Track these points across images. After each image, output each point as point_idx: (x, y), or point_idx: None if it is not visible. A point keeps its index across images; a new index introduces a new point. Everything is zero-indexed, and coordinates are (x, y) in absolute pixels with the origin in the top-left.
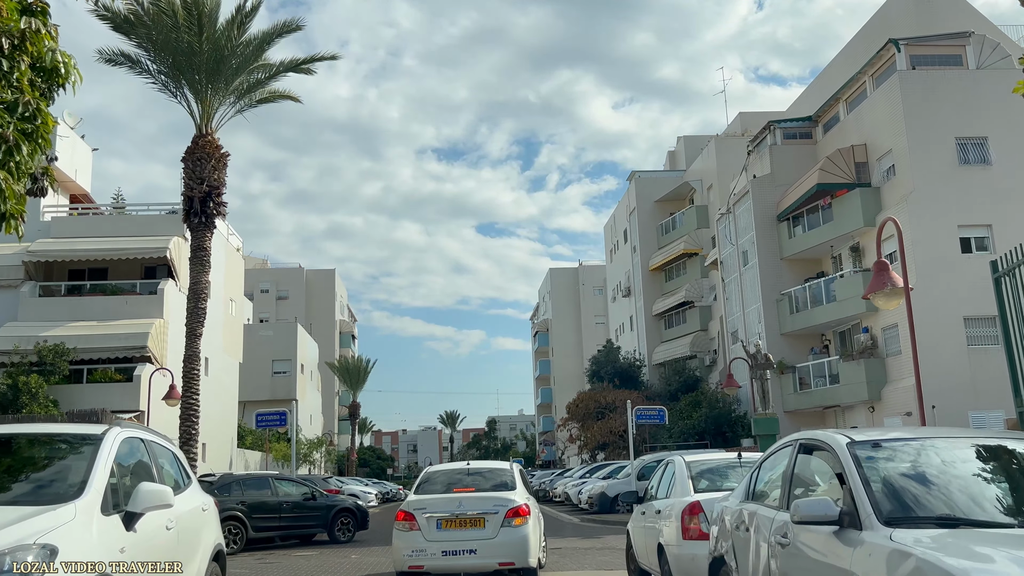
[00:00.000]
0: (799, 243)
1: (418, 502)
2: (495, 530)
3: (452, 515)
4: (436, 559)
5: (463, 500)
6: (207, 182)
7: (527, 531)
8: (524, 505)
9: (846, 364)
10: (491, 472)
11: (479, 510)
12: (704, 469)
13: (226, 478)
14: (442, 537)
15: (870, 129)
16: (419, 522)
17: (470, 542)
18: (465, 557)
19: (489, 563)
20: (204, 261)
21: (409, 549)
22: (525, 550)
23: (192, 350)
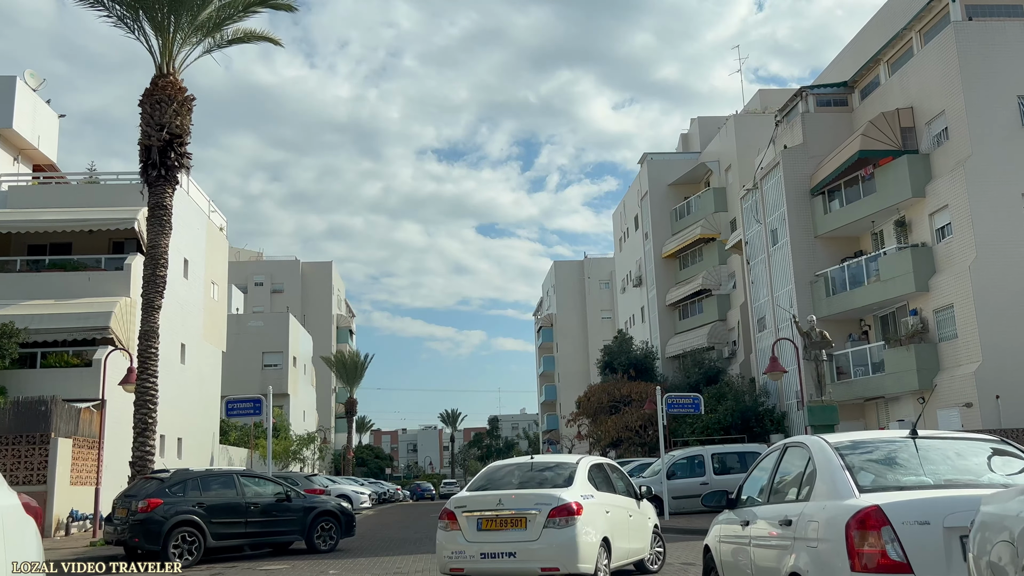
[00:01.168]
0: (835, 219)
1: (460, 499)
2: (537, 531)
3: (492, 514)
4: (475, 562)
5: (503, 498)
6: (168, 128)
7: (574, 533)
8: (573, 503)
9: (892, 351)
10: (550, 467)
11: (519, 509)
12: (864, 455)
13: (181, 475)
14: (482, 538)
15: (918, 90)
16: (460, 521)
17: (510, 544)
18: (504, 560)
19: (530, 567)
20: (164, 221)
21: (450, 550)
22: (572, 554)
23: (149, 325)
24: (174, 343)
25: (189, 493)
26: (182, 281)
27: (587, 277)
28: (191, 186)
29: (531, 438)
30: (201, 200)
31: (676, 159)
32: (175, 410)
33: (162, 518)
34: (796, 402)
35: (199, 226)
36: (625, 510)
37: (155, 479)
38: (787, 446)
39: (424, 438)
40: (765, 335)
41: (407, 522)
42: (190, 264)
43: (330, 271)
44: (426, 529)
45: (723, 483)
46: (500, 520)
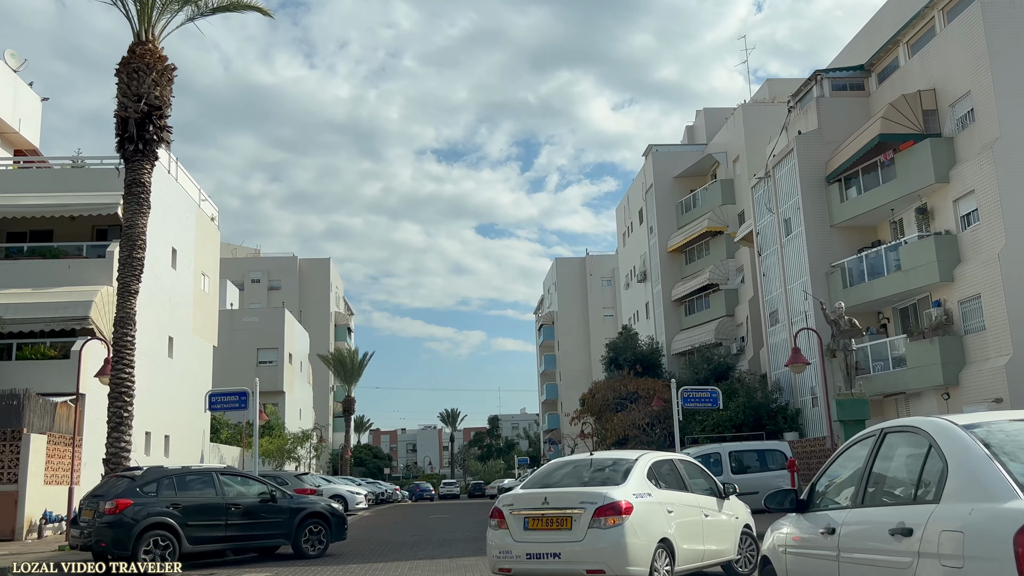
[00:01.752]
0: (853, 207)
1: (508, 498)
2: (582, 531)
3: (538, 513)
4: (522, 562)
5: (549, 496)
6: (146, 99)
7: (622, 533)
8: (621, 502)
9: (915, 344)
10: (608, 465)
11: (565, 508)
12: (1011, 441)
13: (154, 473)
14: (528, 538)
15: (941, 71)
16: (508, 520)
17: (555, 544)
18: (549, 561)
19: (575, 569)
20: (141, 199)
21: (498, 550)
22: (620, 556)
23: (125, 311)
24: (161, 336)
25: (163, 493)
26: (170, 271)
27: (589, 274)
28: (180, 173)
29: (532, 438)
30: (191, 188)
31: (682, 151)
32: (162, 406)
33: (132, 520)
34: (811, 398)
35: (188, 215)
36: (699, 509)
37: (125, 477)
38: (886, 432)
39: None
40: (778, 329)
41: (404, 524)
42: (179, 254)
43: (328, 268)
44: (424, 532)
45: (742, 482)
46: (546, 519)
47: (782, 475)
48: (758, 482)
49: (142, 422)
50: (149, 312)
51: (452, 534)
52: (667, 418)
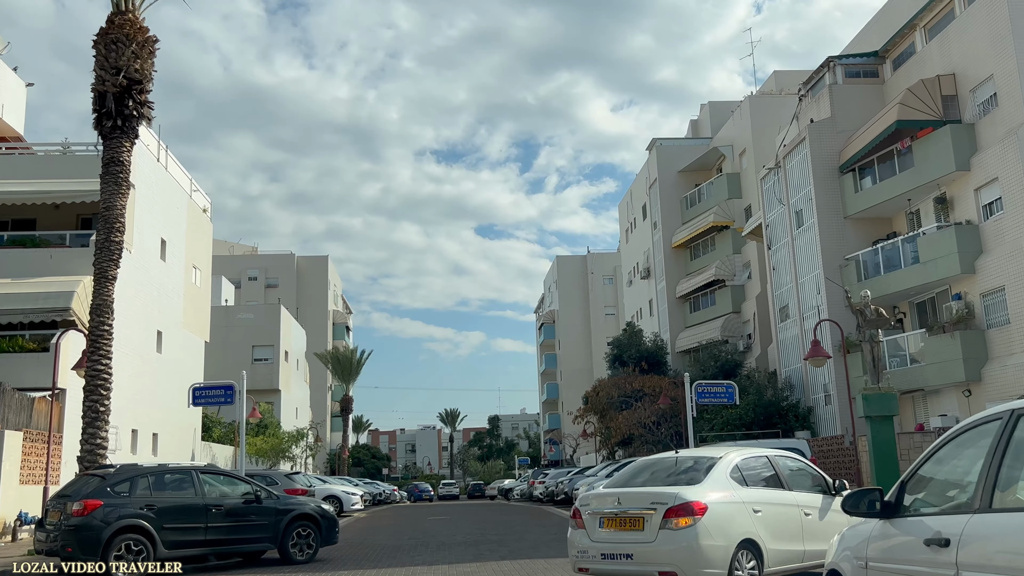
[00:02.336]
0: (868, 197)
1: (585, 498)
2: (653, 532)
3: (612, 513)
4: (597, 562)
5: (622, 497)
6: (125, 72)
7: (694, 534)
8: (693, 503)
9: (934, 339)
10: (690, 463)
11: (636, 508)
12: None
13: (127, 471)
14: (603, 538)
15: (960, 55)
16: (584, 520)
17: (627, 545)
18: (622, 562)
19: (647, 570)
20: (120, 179)
21: (576, 549)
22: (692, 558)
23: (102, 298)
24: (149, 330)
25: (137, 493)
26: (159, 263)
27: (590, 272)
28: (170, 162)
29: (532, 438)
30: (182, 178)
31: (686, 145)
32: (150, 403)
33: (101, 523)
34: (824, 396)
35: (179, 205)
36: (797, 507)
37: (95, 476)
38: (1020, 413)
39: (422, 438)
40: (788, 325)
41: (402, 526)
42: (168, 245)
43: (326, 266)
44: (422, 534)
45: None
46: (619, 520)
47: None
48: None
49: (129, 419)
50: (136, 305)
51: (452, 537)
52: (674, 416)
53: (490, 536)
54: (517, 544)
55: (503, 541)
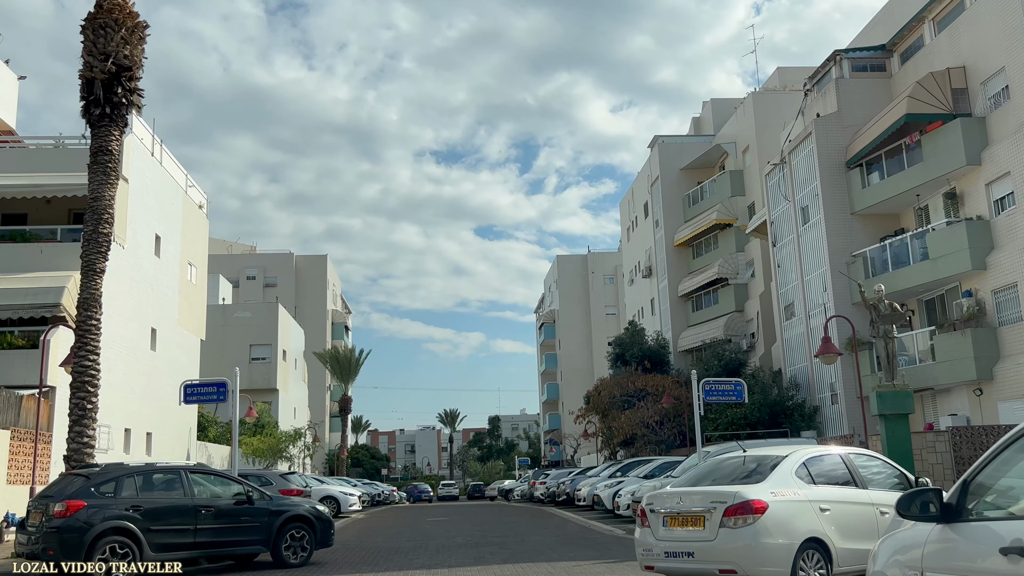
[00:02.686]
0: (875, 193)
1: (649, 497)
2: (713, 531)
3: (674, 512)
4: (661, 560)
5: (683, 496)
6: (114, 59)
7: (754, 533)
8: (752, 501)
9: (944, 336)
10: (756, 462)
11: (695, 507)
12: None
13: (112, 471)
14: (666, 536)
15: (970, 48)
16: (649, 519)
17: (688, 543)
18: (684, 560)
19: (708, 568)
20: (108, 168)
21: (642, 547)
22: (752, 557)
23: (90, 292)
24: (143, 327)
25: (122, 494)
26: (153, 259)
27: (591, 272)
28: (165, 156)
29: (532, 439)
30: (177, 173)
31: (689, 142)
32: (143, 401)
33: (84, 524)
34: (831, 395)
35: (174, 200)
36: (871, 506)
37: (79, 476)
38: None
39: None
40: (794, 323)
41: (400, 527)
42: (163, 241)
43: (325, 265)
44: (421, 536)
45: None
46: (681, 518)
47: None
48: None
49: (121, 419)
50: (130, 301)
51: (451, 539)
52: (677, 416)
53: (491, 538)
54: (519, 547)
55: (504, 544)
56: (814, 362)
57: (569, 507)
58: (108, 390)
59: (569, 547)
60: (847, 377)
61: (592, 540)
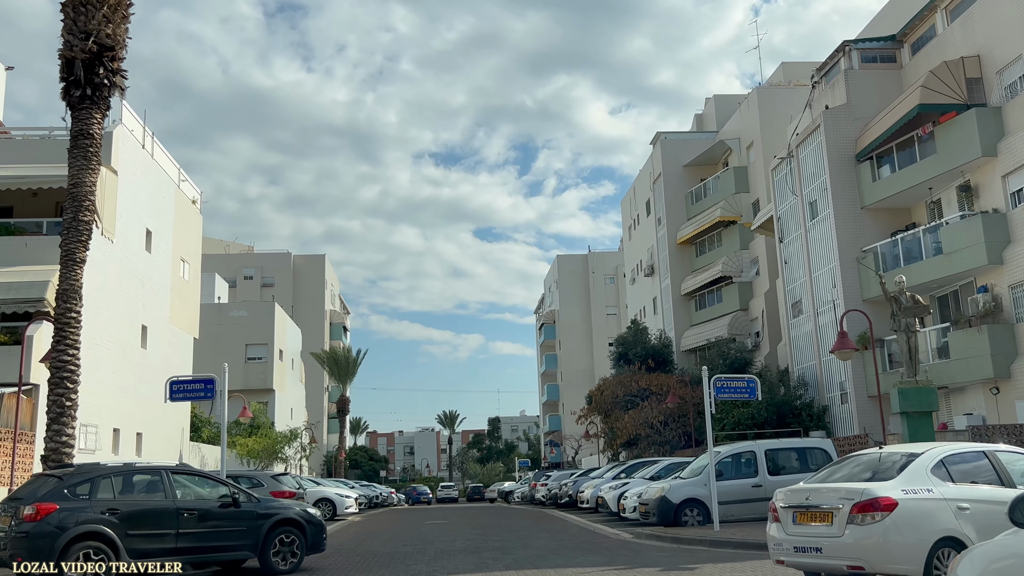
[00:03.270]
0: (885, 187)
1: (779, 493)
2: (841, 527)
3: (802, 508)
4: (790, 554)
5: (811, 493)
6: (95, 38)
7: (882, 530)
8: (880, 499)
9: (959, 333)
10: (889, 458)
11: (823, 503)
12: None
13: (87, 471)
14: (796, 531)
15: (985, 36)
16: (779, 514)
17: (817, 539)
18: (812, 555)
19: (836, 564)
20: (89, 154)
21: (773, 542)
22: (881, 554)
23: (69, 283)
24: (133, 324)
25: (98, 495)
26: (144, 254)
27: (591, 271)
28: (156, 149)
29: (532, 440)
30: (169, 167)
31: (692, 138)
32: (133, 400)
33: (56, 529)
34: (840, 394)
35: (166, 195)
36: None
37: (52, 477)
38: None
39: (421, 440)
40: (801, 320)
41: (398, 530)
42: (154, 236)
43: (323, 265)
44: (419, 540)
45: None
46: (810, 514)
47: None
48: None
49: (110, 418)
50: (119, 297)
51: (451, 544)
52: (682, 416)
53: (492, 542)
54: (522, 552)
55: (506, 548)
56: (823, 360)
57: (572, 509)
58: (96, 389)
59: (575, 552)
60: (857, 375)
61: (599, 544)
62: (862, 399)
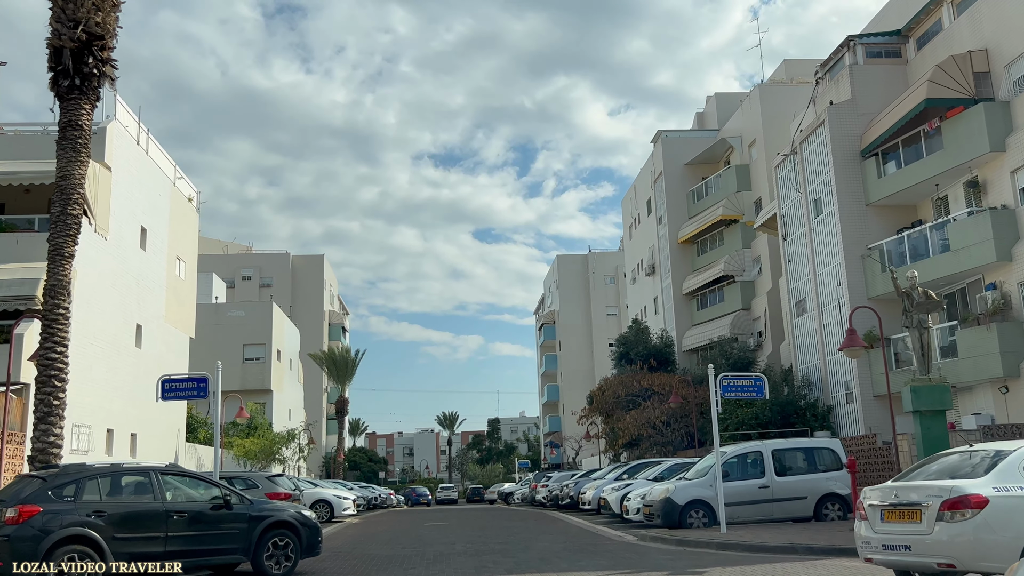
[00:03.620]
0: (892, 183)
1: (867, 491)
2: (930, 525)
3: (890, 506)
4: (879, 552)
5: (899, 491)
6: (84, 26)
7: (971, 528)
8: (970, 496)
9: (968, 331)
10: (980, 455)
11: (912, 501)
12: None
13: (72, 472)
14: (884, 529)
15: (993, 30)
16: (867, 512)
17: (905, 536)
18: (900, 553)
19: (925, 562)
20: (78, 145)
21: (861, 540)
22: (971, 552)
23: (57, 278)
24: (127, 323)
25: (84, 497)
26: (138, 252)
27: (591, 272)
28: (152, 145)
29: (531, 441)
30: (165, 164)
31: (693, 136)
32: (128, 401)
33: (39, 532)
34: (846, 394)
35: (161, 192)
36: None
37: (36, 478)
38: None
39: (421, 441)
40: (805, 319)
41: (396, 533)
42: (149, 234)
43: (322, 265)
44: (418, 543)
45: (787, 486)
46: (898, 512)
47: (835, 477)
48: (806, 485)
49: (104, 418)
50: (113, 295)
51: (450, 546)
52: (684, 416)
53: (493, 545)
54: (524, 555)
55: (508, 551)
56: (827, 360)
57: (573, 511)
58: (89, 388)
59: (578, 555)
60: (863, 375)
61: (602, 547)
62: (867, 399)
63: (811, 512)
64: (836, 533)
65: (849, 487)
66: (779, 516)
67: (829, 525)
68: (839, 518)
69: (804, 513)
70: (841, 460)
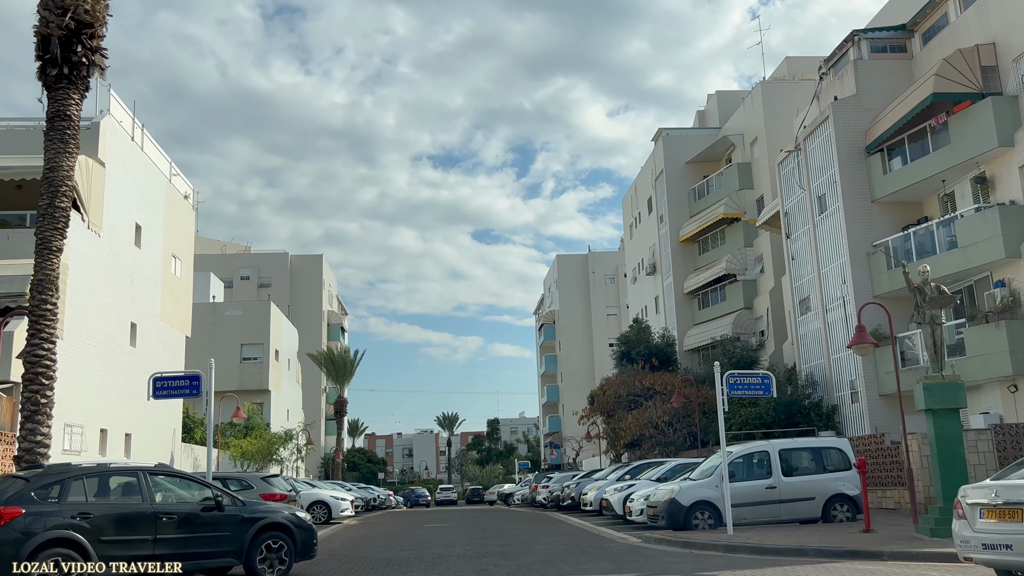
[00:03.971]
0: (897, 180)
1: (964, 490)
2: None
3: (990, 505)
4: (979, 551)
5: (999, 489)
6: (73, 14)
7: None
8: None
9: (976, 329)
10: None
11: (1012, 500)
12: None
13: (56, 472)
14: (984, 528)
15: (1001, 23)
16: (965, 511)
17: (1006, 535)
18: (1002, 552)
19: None
20: (66, 136)
21: (959, 539)
22: None
23: (44, 273)
24: (121, 321)
25: (69, 498)
26: (133, 249)
27: (591, 272)
28: (147, 141)
29: (531, 442)
30: (160, 160)
31: (694, 135)
32: (122, 400)
33: (21, 535)
34: (851, 393)
35: (156, 188)
36: None
37: (18, 479)
38: None
39: (420, 442)
40: (809, 318)
41: (395, 534)
42: (144, 231)
43: (321, 265)
44: (416, 545)
45: (794, 486)
46: (998, 511)
47: (843, 477)
48: (814, 486)
49: (97, 418)
50: (106, 293)
51: (450, 549)
52: (687, 416)
53: (493, 547)
54: (525, 558)
55: (508, 554)
56: (832, 359)
57: (574, 512)
58: (82, 388)
59: (581, 557)
60: (868, 373)
61: (606, 549)
62: (873, 398)
63: (819, 513)
64: (847, 535)
65: (858, 488)
66: (786, 517)
67: (838, 527)
68: (848, 519)
69: (812, 514)
70: (849, 460)
